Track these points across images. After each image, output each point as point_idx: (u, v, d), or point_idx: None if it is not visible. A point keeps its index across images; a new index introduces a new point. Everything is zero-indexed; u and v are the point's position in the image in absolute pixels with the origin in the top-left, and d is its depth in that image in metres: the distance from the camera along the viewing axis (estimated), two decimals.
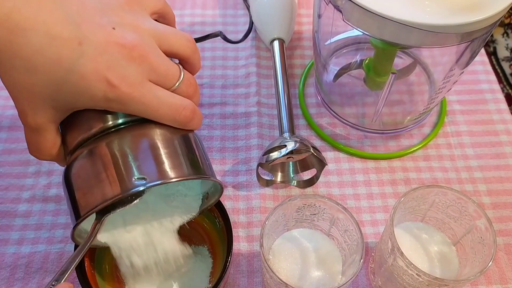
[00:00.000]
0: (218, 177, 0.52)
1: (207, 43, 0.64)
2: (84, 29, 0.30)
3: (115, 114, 0.33)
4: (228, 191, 0.51)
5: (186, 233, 0.42)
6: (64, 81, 0.30)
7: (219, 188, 0.38)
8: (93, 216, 0.35)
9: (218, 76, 0.61)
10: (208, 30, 0.66)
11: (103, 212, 0.34)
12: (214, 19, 0.67)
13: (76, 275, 0.38)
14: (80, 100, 0.31)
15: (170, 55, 0.35)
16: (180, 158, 0.34)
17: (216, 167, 0.53)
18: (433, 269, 0.41)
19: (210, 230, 0.45)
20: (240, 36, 0.65)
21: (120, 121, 0.33)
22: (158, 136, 0.34)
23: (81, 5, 0.31)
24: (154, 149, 0.33)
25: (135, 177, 0.31)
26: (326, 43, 0.54)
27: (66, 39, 0.29)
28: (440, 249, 0.43)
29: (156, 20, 0.36)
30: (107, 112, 0.33)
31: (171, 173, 0.32)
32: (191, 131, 0.37)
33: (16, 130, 0.54)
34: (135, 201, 0.34)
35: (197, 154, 0.36)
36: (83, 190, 0.32)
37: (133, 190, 0.31)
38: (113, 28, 0.31)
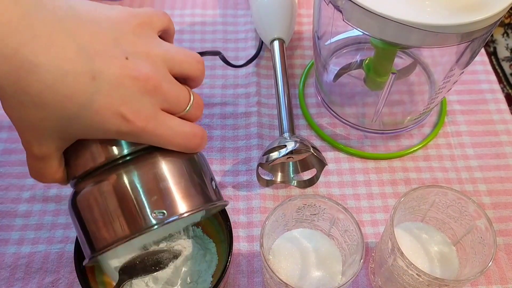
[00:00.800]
0: (218, 178, 0.52)
1: (207, 43, 0.64)
2: (97, 62, 0.29)
3: (121, 143, 0.33)
4: (228, 191, 0.51)
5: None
6: (77, 116, 0.29)
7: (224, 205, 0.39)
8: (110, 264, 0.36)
9: (218, 76, 0.61)
10: (209, 30, 0.66)
11: (126, 272, 0.35)
12: (214, 19, 0.67)
13: (76, 275, 0.38)
14: (92, 134, 0.31)
15: (180, 77, 0.34)
16: (194, 187, 0.34)
17: (216, 167, 0.53)
18: (433, 269, 0.41)
19: (210, 230, 0.45)
20: (241, 36, 0.65)
21: (126, 151, 0.33)
22: (170, 164, 0.33)
23: (94, 35, 0.29)
24: (167, 181, 0.33)
25: (155, 212, 0.31)
26: (326, 43, 0.54)
27: (79, 74, 0.28)
28: (440, 249, 0.43)
29: (160, 36, 0.35)
30: (113, 140, 0.32)
31: (186, 206, 0.32)
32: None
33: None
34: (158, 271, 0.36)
35: (208, 178, 0.36)
36: (98, 223, 0.32)
37: (156, 225, 0.31)
38: (126, 58, 0.30)
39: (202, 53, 0.42)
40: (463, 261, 0.41)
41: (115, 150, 0.32)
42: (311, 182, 0.52)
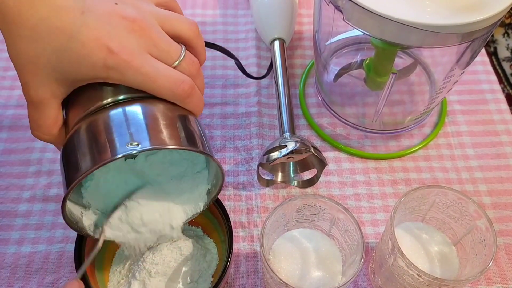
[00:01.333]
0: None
1: (207, 43, 0.64)
2: (87, 2, 0.31)
3: (115, 91, 0.33)
4: (228, 191, 0.51)
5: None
6: (66, 49, 0.31)
7: (220, 177, 0.38)
8: (94, 213, 0.36)
9: (218, 76, 0.61)
10: (209, 30, 0.66)
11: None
12: (215, 19, 0.67)
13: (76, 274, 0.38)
14: (81, 70, 0.32)
15: (173, 36, 0.35)
16: (178, 130, 0.33)
17: None
18: (433, 269, 0.41)
19: (211, 230, 0.45)
20: (241, 36, 0.65)
21: (120, 97, 0.33)
22: (157, 109, 0.33)
23: None
24: (151, 119, 0.33)
25: (129, 143, 0.31)
26: (327, 43, 0.54)
27: (70, 8, 0.31)
28: (440, 249, 0.43)
29: None
30: (107, 89, 0.33)
31: (166, 141, 0.32)
32: (193, 114, 0.37)
33: (16, 130, 0.54)
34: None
35: (197, 132, 0.35)
36: (75, 160, 0.32)
37: (123, 154, 0.31)
38: (116, 4, 0.32)
39: (217, 48, 0.44)
40: (463, 261, 0.41)
41: (105, 97, 0.33)
42: (311, 182, 0.51)
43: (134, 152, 0.31)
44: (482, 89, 0.60)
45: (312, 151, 0.46)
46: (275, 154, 0.46)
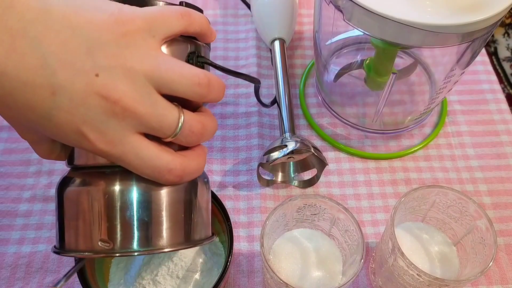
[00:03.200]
0: (218, 178, 0.52)
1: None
2: (60, 76, 0.26)
3: None
4: (228, 191, 0.51)
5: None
6: (40, 124, 0.28)
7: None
8: None
9: (218, 76, 0.60)
10: None
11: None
12: (215, 19, 0.67)
13: (76, 275, 0.38)
14: (60, 140, 0.29)
15: (173, 98, 0.30)
16: (165, 224, 0.31)
17: (217, 167, 0.53)
18: (433, 269, 0.41)
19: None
20: (241, 36, 0.65)
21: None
22: (149, 193, 0.30)
23: (64, 43, 0.26)
24: (135, 211, 0.30)
25: (100, 240, 0.29)
26: (327, 43, 0.54)
27: (38, 86, 0.26)
28: (440, 249, 0.43)
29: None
30: None
31: (145, 243, 0.30)
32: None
33: None
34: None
35: (192, 212, 0.32)
36: (70, 224, 0.31)
37: (89, 254, 0.30)
38: (97, 75, 0.26)
39: (237, 74, 0.36)
40: (464, 261, 0.41)
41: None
42: (311, 182, 0.51)
43: (100, 255, 0.29)
44: (483, 89, 0.60)
45: (312, 151, 0.46)
46: (275, 154, 0.46)
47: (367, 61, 0.52)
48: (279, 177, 0.51)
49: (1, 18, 0.25)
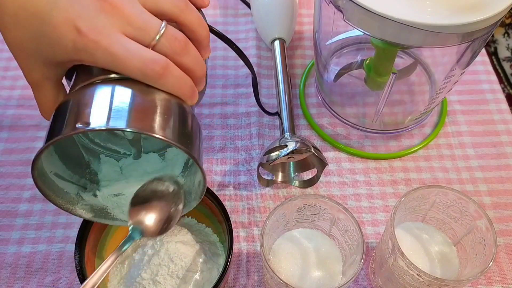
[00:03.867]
0: (219, 178, 0.52)
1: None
2: None
3: (105, 70, 0.33)
4: (228, 191, 0.51)
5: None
6: (41, 34, 0.31)
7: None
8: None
9: (218, 76, 0.61)
10: None
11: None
12: (215, 19, 0.67)
13: (76, 274, 0.38)
14: (57, 53, 0.32)
15: (156, 14, 0.33)
16: (148, 114, 0.31)
17: (217, 167, 0.53)
18: (433, 269, 0.41)
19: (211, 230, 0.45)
20: (241, 36, 0.65)
21: (109, 76, 0.33)
22: (134, 90, 0.32)
23: None
24: (119, 99, 0.31)
25: (78, 123, 0.30)
26: (327, 43, 0.54)
27: None
28: (440, 249, 0.43)
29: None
30: (98, 68, 0.33)
31: (120, 121, 0.30)
32: (186, 103, 0.35)
33: (17, 130, 0.54)
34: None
35: (173, 117, 0.33)
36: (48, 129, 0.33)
37: (68, 134, 0.30)
38: None
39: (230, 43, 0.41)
40: (464, 261, 0.41)
41: (99, 73, 0.33)
42: (311, 182, 0.51)
43: (76, 132, 0.30)
44: (483, 89, 0.60)
45: (313, 151, 0.46)
46: (275, 154, 0.46)
47: (367, 61, 0.52)
48: (279, 177, 0.51)
49: None
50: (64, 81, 0.36)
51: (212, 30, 0.36)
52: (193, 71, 0.34)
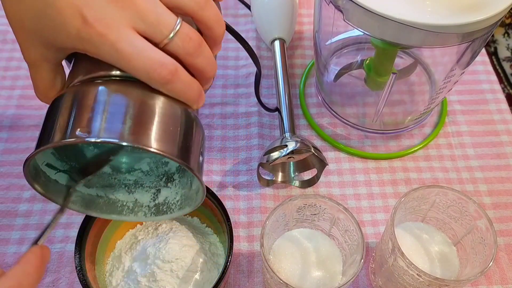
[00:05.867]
0: (218, 178, 0.52)
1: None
2: None
3: (109, 66, 0.31)
4: (228, 191, 0.51)
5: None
6: (44, 15, 0.29)
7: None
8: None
9: (218, 76, 0.61)
10: None
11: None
12: None
13: (76, 274, 0.38)
14: (59, 38, 0.30)
15: (172, 8, 0.30)
16: (146, 125, 0.29)
17: (217, 167, 0.53)
18: (433, 269, 0.41)
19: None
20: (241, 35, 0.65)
21: (113, 72, 0.31)
22: (138, 95, 0.30)
23: None
24: (120, 107, 0.29)
25: (79, 130, 0.29)
26: (327, 43, 0.54)
27: None
28: (440, 249, 0.43)
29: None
30: (102, 62, 0.31)
31: (118, 134, 0.29)
32: (191, 108, 0.33)
33: (16, 130, 0.54)
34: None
35: (173, 129, 0.31)
36: (42, 129, 0.31)
37: (67, 141, 0.29)
38: None
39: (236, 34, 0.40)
40: (464, 261, 0.41)
41: (102, 67, 0.31)
42: (311, 182, 0.51)
43: (76, 141, 0.29)
44: (483, 89, 0.60)
45: (313, 151, 0.46)
46: (275, 154, 0.46)
47: (367, 61, 0.52)
48: (279, 177, 0.51)
49: None
50: (63, 62, 0.34)
51: (227, 27, 0.34)
52: (204, 72, 0.33)
